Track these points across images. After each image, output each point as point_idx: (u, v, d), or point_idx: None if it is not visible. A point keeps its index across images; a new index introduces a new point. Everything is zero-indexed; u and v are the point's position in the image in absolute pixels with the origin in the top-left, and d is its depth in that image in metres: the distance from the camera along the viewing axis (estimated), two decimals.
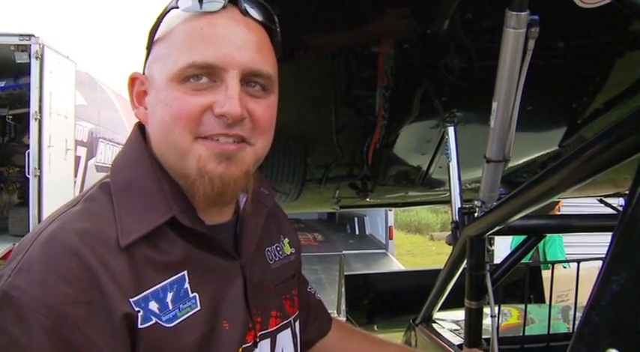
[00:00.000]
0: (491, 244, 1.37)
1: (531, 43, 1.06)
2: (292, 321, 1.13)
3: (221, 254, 0.97)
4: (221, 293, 0.96)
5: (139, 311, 0.85)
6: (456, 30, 1.50)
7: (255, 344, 1.01)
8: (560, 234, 3.85)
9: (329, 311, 1.31)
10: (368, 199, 3.42)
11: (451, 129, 1.62)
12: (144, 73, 0.98)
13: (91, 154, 11.91)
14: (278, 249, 1.15)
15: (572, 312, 1.67)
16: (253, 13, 0.96)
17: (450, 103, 1.65)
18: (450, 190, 1.60)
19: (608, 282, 0.63)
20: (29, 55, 9.53)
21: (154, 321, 0.87)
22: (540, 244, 3.31)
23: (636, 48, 1.72)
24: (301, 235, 8.82)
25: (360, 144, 2.72)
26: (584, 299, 1.55)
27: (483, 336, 1.43)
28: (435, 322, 1.93)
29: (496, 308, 1.31)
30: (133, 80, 0.99)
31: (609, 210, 1.56)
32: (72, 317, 0.81)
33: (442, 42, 1.61)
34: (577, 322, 1.55)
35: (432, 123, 1.85)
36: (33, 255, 0.84)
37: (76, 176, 11.08)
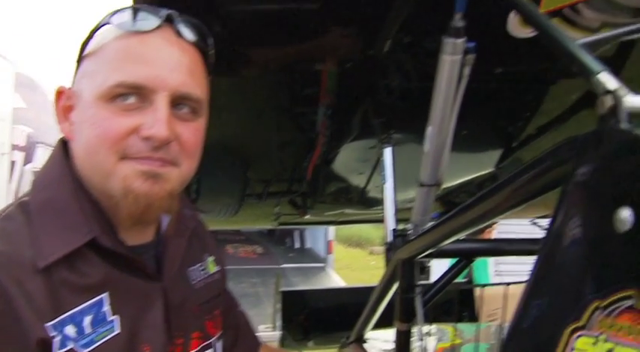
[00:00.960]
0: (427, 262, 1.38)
1: (467, 70, 1.08)
2: (214, 342, 1.12)
3: (142, 275, 0.96)
4: (141, 315, 0.94)
5: (54, 337, 0.82)
6: (397, 52, 1.52)
7: None
8: None
9: (265, 326, 1.29)
10: (307, 216, 3.42)
11: (388, 151, 1.62)
12: (72, 87, 0.95)
13: (28, 159, 11.56)
14: (202, 268, 1.13)
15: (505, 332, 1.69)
16: (188, 34, 0.95)
17: (389, 124, 1.66)
18: (384, 211, 1.61)
19: (529, 307, 0.64)
20: None
21: (69, 348, 0.84)
22: None
23: (569, 76, 1.77)
24: (241, 247, 8.76)
25: (300, 160, 2.72)
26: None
27: None
28: (366, 342, 1.93)
29: (426, 330, 1.31)
30: (59, 94, 0.97)
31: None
32: None
33: (384, 63, 1.62)
34: None
35: (371, 144, 1.86)
36: None
37: (10, 181, 10.73)
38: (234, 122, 2.13)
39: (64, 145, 0.97)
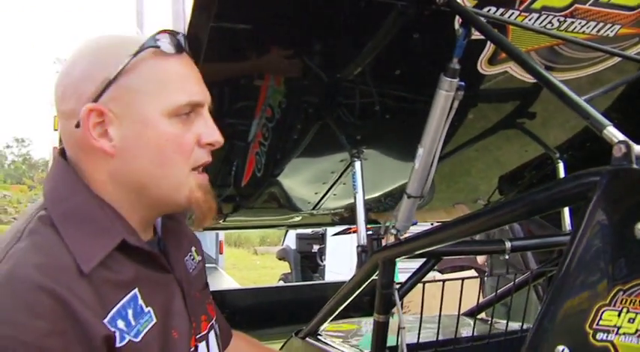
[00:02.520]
0: None
1: (456, 103, 1.32)
2: (214, 323, 1.28)
3: (160, 269, 1.09)
4: (168, 305, 1.08)
5: (115, 332, 0.93)
6: (365, 76, 1.71)
7: (196, 349, 1.14)
8: None
9: None
10: (222, 221, 3.54)
11: (358, 164, 1.83)
12: (99, 105, 1.00)
13: None
14: (191, 257, 1.28)
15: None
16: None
17: (360, 140, 1.87)
18: (356, 218, 1.80)
19: (558, 297, 0.88)
20: None
21: (127, 339, 0.95)
22: None
23: (486, 101, 2.05)
24: None
25: (224, 167, 2.85)
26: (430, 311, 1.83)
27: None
28: (320, 335, 2.12)
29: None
30: (99, 112, 1.00)
31: None
32: (49, 350, 0.86)
33: (348, 85, 1.80)
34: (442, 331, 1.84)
35: (341, 157, 2.06)
36: None
37: None
38: None
39: (63, 158, 1.06)
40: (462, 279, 1.69)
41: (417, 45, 1.50)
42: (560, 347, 0.87)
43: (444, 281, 1.66)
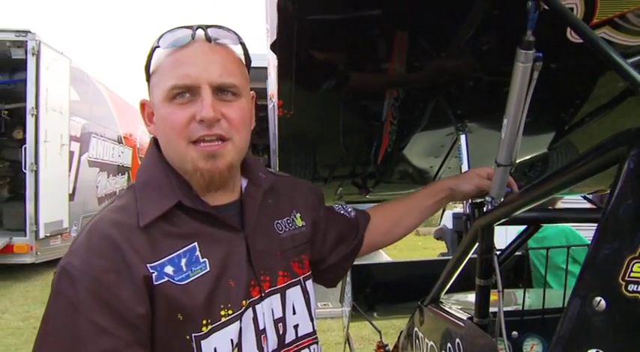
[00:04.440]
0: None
1: (535, 74, 1.36)
2: (302, 280, 1.44)
3: (226, 227, 1.29)
4: (228, 258, 1.28)
5: (153, 273, 1.18)
6: (466, 53, 1.77)
7: (262, 298, 1.32)
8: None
9: (323, 303, 1.59)
10: (368, 196, 3.72)
11: (463, 137, 1.91)
12: (149, 99, 1.32)
13: (83, 149, 12.07)
14: (288, 221, 1.46)
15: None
16: (219, 38, 1.28)
17: (463, 115, 1.94)
18: None
19: (596, 252, 0.93)
20: (25, 51, 9.69)
21: (165, 280, 1.19)
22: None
23: (605, 69, 2.00)
24: None
25: (363, 145, 2.99)
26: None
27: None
28: (442, 303, 2.22)
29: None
30: (142, 105, 1.34)
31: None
32: (106, 282, 1.15)
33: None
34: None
35: (448, 131, 2.14)
36: (81, 240, 1.21)
37: (70, 170, 11.26)
38: (302, 115, 2.35)
39: (155, 140, 1.35)
40: (568, 247, 1.70)
41: (500, 21, 1.54)
42: (598, 299, 0.93)
43: (547, 248, 1.68)
